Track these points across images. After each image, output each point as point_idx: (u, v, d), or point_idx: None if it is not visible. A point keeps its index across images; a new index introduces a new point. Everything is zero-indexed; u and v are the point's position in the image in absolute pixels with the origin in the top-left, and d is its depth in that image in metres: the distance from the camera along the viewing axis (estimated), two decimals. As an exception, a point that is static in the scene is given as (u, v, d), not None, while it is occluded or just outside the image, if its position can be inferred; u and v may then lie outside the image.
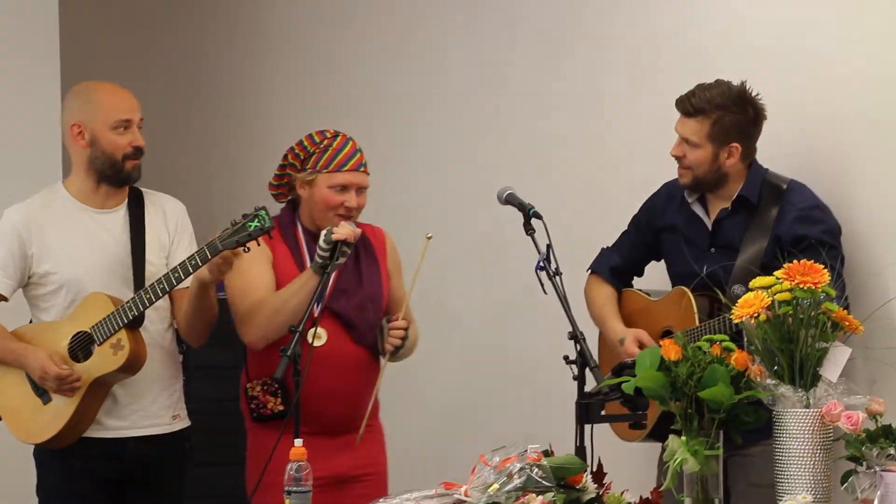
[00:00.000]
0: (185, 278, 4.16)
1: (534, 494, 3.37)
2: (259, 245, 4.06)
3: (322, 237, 4.13)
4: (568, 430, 3.75)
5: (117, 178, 4.35)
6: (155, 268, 4.35)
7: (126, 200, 4.42)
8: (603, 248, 4.65)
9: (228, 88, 6.56)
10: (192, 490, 6.12)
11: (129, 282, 4.34)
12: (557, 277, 4.00)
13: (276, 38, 6.36)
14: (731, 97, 4.31)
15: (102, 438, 4.34)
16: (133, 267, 4.33)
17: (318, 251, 4.12)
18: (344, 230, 4.10)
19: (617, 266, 4.59)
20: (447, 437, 4.43)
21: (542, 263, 4.00)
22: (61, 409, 4.29)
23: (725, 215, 4.39)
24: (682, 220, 4.47)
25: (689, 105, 4.30)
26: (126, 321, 4.21)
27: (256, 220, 4.02)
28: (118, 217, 4.39)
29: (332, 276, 4.24)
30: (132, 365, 4.25)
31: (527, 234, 4.08)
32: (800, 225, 4.24)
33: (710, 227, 4.42)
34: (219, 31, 6.60)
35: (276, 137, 6.31)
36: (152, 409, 4.39)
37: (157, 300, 4.22)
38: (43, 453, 4.39)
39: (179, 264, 4.16)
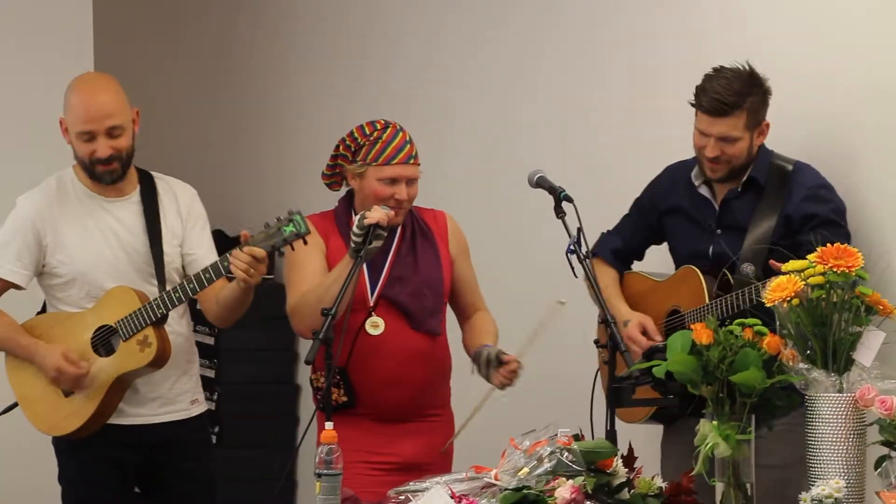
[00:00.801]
0: (216, 279, 4.15)
1: (564, 478, 3.36)
2: (293, 250, 4.03)
3: (355, 222, 4.11)
4: (599, 415, 3.75)
5: (93, 178, 4.32)
6: (169, 257, 4.33)
7: (138, 188, 4.39)
8: (603, 232, 4.65)
9: (258, 77, 6.56)
10: (223, 472, 6.15)
11: (146, 273, 4.32)
12: (588, 261, 3.99)
13: (306, 25, 6.35)
14: (750, 80, 4.30)
15: (122, 426, 4.33)
16: (153, 258, 4.31)
17: (352, 236, 4.10)
18: (376, 214, 4.07)
19: (619, 249, 4.58)
20: (510, 424, 4.40)
21: (572, 246, 3.98)
22: (84, 405, 4.28)
23: (734, 196, 4.39)
24: (687, 202, 4.46)
25: (719, 104, 4.25)
26: (154, 319, 4.20)
27: (291, 224, 3.99)
28: (130, 205, 4.37)
29: (388, 263, 4.25)
30: (158, 362, 4.25)
31: (557, 217, 4.06)
32: (809, 204, 4.24)
33: (716, 208, 4.41)
34: (248, 19, 6.60)
35: (305, 126, 6.35)
36: (170, 395, 4.38)
37: (185, 300, 4.22)
38: (62, 441, 4.38)
39: (211, 265, 4.14)
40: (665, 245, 4.61)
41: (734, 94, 4.25)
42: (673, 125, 4.70)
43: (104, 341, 4.28)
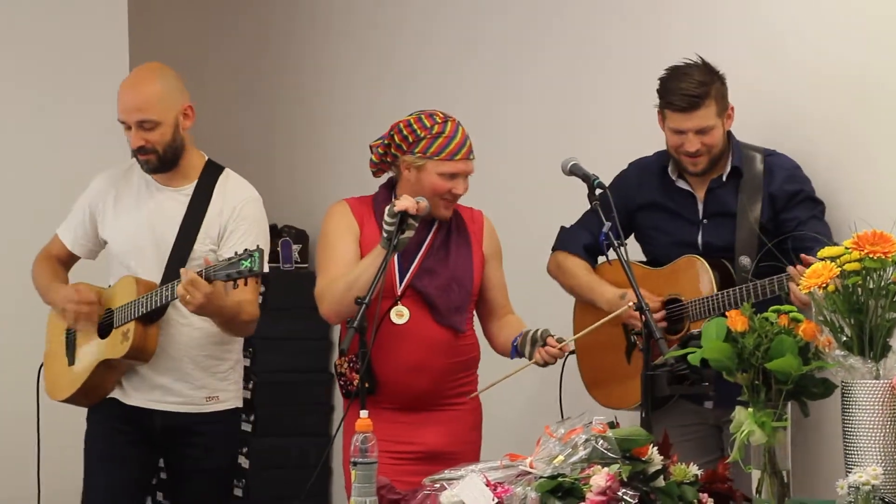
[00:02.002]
0: (174, 299, 4.22)
1: (599, 466, 3.35)
2: (245, 285, 4.12)
3: (386, 211, 4.11)
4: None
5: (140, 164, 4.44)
6: (196, 254, 4.35)
7: (196, 181, 4.43)
8: (564, 227, 4.65)
9: (292, 68, 6.55)
10: (258, 461, 6.18)
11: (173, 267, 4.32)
12: (622, 248, 3.99)
13: (339, 16, 6.34)
14: (707, 69, 4.37)
15: (129, 405, 4.42)
16: (172, 252, 4.34)
17: (384, 225, 4.10)
18: (405, 202, 4.07)
19: (589, 244, 4.57)
20: (539, 414, 4.40)
21: (606, 234, 3.97)
22: (76, 377, 4.43)
23: (718, 185, 4.43)
24: (663, 196, 4.50)
25: (694, 97, 4.31)
26: (138, 314, 4.27)
27: (249, 260, 4.06)
28: (179, 196, 4.42)
29: (420, 254, 4.25)
30: (136, 355, 4.31)
31: (591, 204, 4.07)
32: (791, 184, 4.36)
33: (699, 198, 4.44)
34: (283, 12, 6.60)
35: (338, 121, 6.34)
36: (176, 386, 4.38)
37: (159, 306, 4.26)
38: (92, 410, 4.51)
39: (175, 281, 4.20)
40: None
41: (699, 84, 4.33)
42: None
43: (107, 322, 4.40)
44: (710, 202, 4.44)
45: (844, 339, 3.42)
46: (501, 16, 5.69)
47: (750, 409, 3.41)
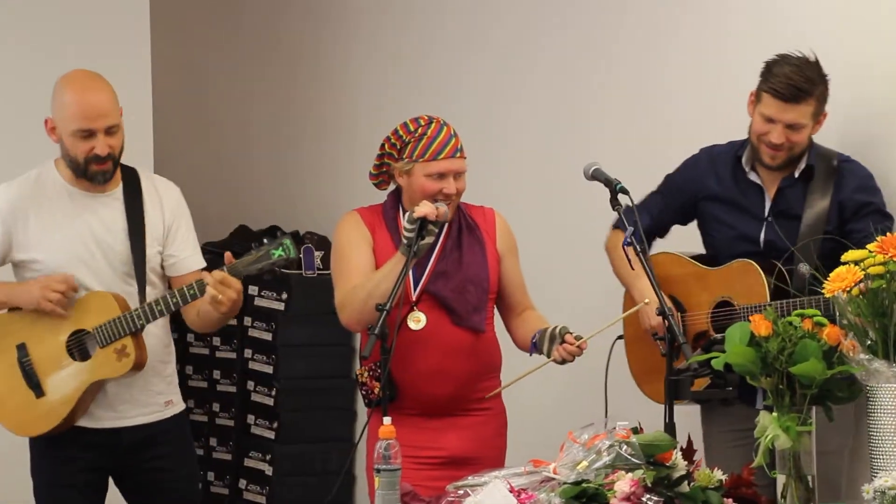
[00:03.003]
0: (200, 296, 4.09)
1: (623, 472, 3.34)
2: (277, 276, 4.03)
3: (405, 218, 4.10)
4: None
5: (84, 177, 4.24)
6: (148, 258, 4.26)
7: (120, 185, 4.30)
8: (628, 206, 4.60)
9: (304, 72, 6.56)
10: (281, 468, 6.18)
11: (123, 273, 4.25)
12: (645, 254, 3.97)
13: (350, 20, 6.34)
14: (819, 69, 4.30)
15: (94, 429, 4.27)
16: (133, 260, 4.24)
17: (404, 231, 4.09)
18: (424, 208, 4.07)
19: (647, 226, 4.51)
20: (565, 419, 4.40)
21: (629, 239, 3.96)
22: (56, 407, 4.22)
23: (789, 184, 4.36)
24: (733, 189, 4.43)
25: (796, 90, 4.24)
26: (133, 330, 4.16)
27: (281, 248, 3.98)
28: (111, 202, 4.29)
29: (433, 258, 4.23)
30: (135, 371, 4.20)
31: (614, 209, 4.06)
32: (862, 193, 4.28)
33: (768, 194, 4.39)
34: (295, 16, 6.60)
35: (350, 123, 6.34)
36: (141, 397, 4.30)
37: (167, 313, 4.17)
38: (38, 441, 4.31)
39: (197, 282, 4.09)
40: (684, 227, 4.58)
41: (807, 80, 4.25)
42: (736, 118, 4.66)
43: (79, 345, 4.22)
44: (779, 200, 4.37)
45: (869, 342, 3.41)
46: (509, 13, 5.68)
47: (774, 414, 3.40)
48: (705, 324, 4.39)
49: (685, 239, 4.63)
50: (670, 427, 3.70)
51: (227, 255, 4.10)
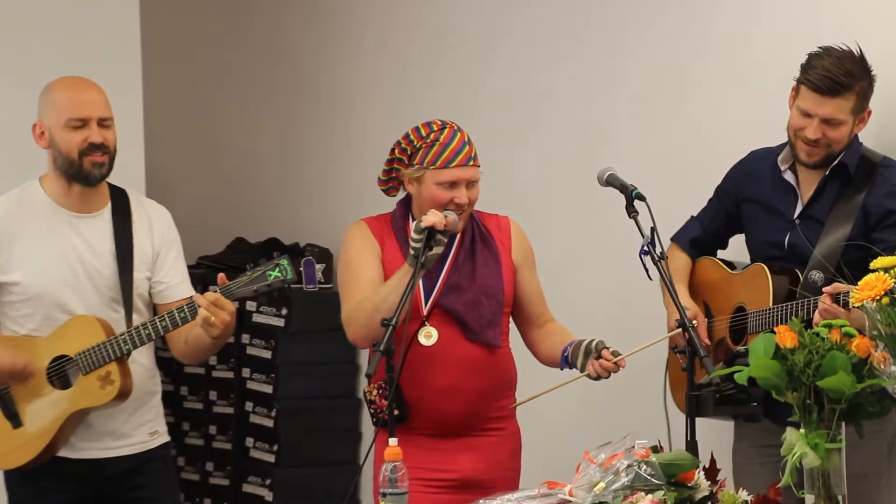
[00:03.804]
0: (192, 320, 4.08)
1: (642, 493, 3.34)
2: (275, 297, 4.02)
3: (413, 227, 4.11)
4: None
5: (79, 176, 4.22)
6: (136, 282, 4.25)
7: (109, 204, 4.30)
8: (691, 217, 4.64)
9: (309, 78, 6.56)
10: (282, 494, 6.17)
11: (109, 299, 4.24)
12: (662, 262, 3.97)
13: (357, 24, 6.34)
14: (861, 62, 4.29)
15: (76, 459, 4.25)
16: (120, 284, 4.24)
17: (411, 242, 4.10)
18: (432, 217, 4.06)
19: (697, 237, 4.55)
20: (581, 437, 4.41)
21: (646, 247, 3.96)
22: (34, 438, 4.20)
23: (825, 184, 4.35)
24: (768, 190, 4.43)
25: (833, 83, 4.22)
26: (119, 355, 4.14)
27: (277, 269, 3.97)
28: (100, 224, 4.29)
29: (444, 270, 4.24)
30: (120, 399, 4.18)
31: (629, 216, 4.06)
32: (890, 200, 4.24)
33: (799, 195, 4.38)
34: (298, 21, 6.61)
35: (357, 129, 6.34)
36: (125, 429, 4.30)
37: (154, 339, 4.17)
38: (13, 472, 4.28)
39: (188, 305, 4.08)
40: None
41: (846, 73, 4.23)
42: (760, 121, 4.66)
43: (60, 372, 4.20)
44: (813, 202, 4.35)
45: (901, 354, 3.41)
46: (527, 10, 5.68)
47: (802, 430, 3.39)
48: (725, 330, 4.41)
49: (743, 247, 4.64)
50: (692, 445, 3.69)
51: (221, 276, 4.09)
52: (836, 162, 4.31)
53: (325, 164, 6.55)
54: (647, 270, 4.01)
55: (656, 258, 3.96)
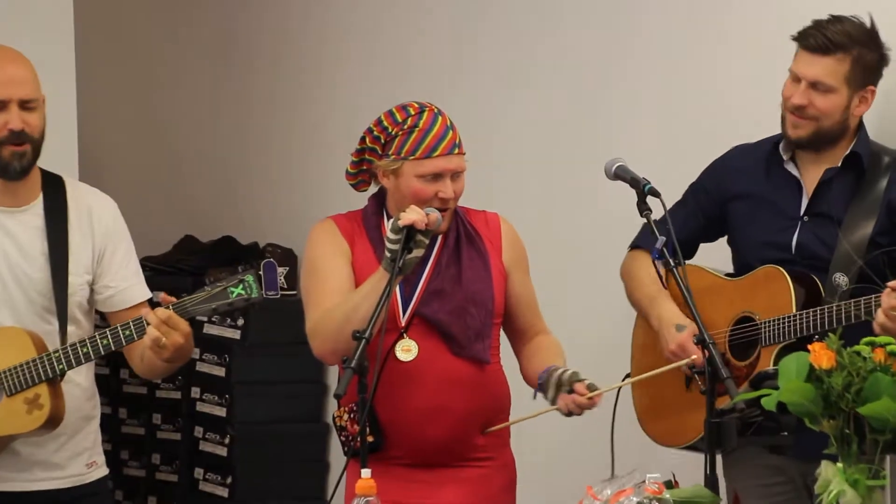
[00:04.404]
0: (138, 339, 4.05)
1: (655, 535, 3.35)
2: (239, 318, 4.01)
3: (389, 226, 4.10)
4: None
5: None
6: (72, 288, 4.21)
7: (41, 196, 4.25)
8: (651, 217, 4.61)
9: (265, 65, 6.60)
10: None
11: (41, 307, 4.20)
12: (680, 268, 3.99)
13: (324, 7, 6.37)
14: (868, 32, 4.36)
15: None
16: (53, 290, 4.19)
17: (387, 243, 4.09)
18: (412, 214, 4.06)
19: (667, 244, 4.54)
20: (580, 470, 4.44)
21: (660, 250, 3.98)
22: None
23: (832, 176, 4.40)
24: (764, 184, 4.48)
25: (826, 39, 4.31)
26: (50, 376, 4.10)
27: (241, 286, 3.96)
28: (29, 218, 4.24)
29: (425, 275, 4.24)
30: (49, 426, 4.14)
31: (641, 214, 4.08)
32: None
33: (805, 190, 4.43)
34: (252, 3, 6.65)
35: (321, 117, 6.37)
36: (57, 458, 4.26)
37: (94, 358, 4.12)
38: None
39: (134, 321, 4.05)
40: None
41: (842, 33, 4.31)
42: (767, 113, 4.69)
43: None
44: (820, 197, 4.41)
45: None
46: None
47: (839, 464, 3.40)
48: (722, 345, 4.41)
49: (712, 255, 4.66)
50: (711, 480, 3.70)
51: (163, 295, 4.05)
52: (849, 151, 4.37)
53: (287, 152, 6.58)
54: (661, 277, 4.03)
55: (672, 263, 3.96)
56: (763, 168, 4.49)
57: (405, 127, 4.20)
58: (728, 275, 4.53)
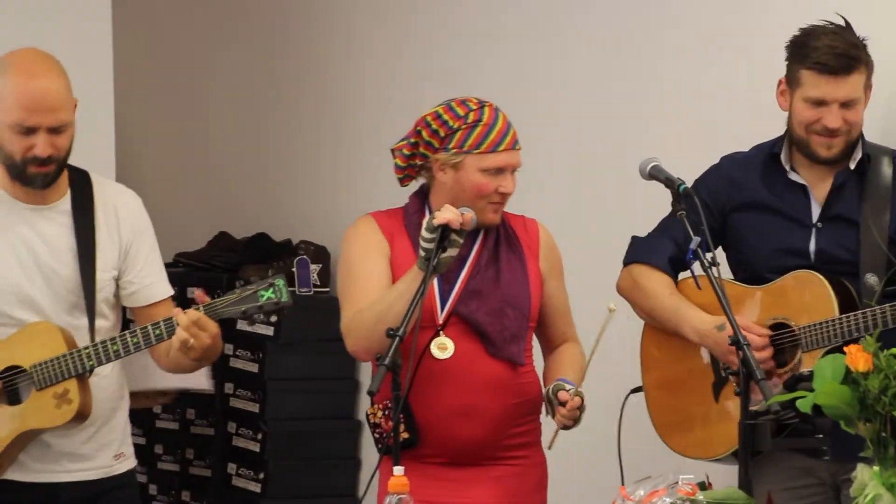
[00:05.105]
0: (167, 339, 4.06)
1: (688, 537, 3.33)
2: (269, 321, 4.01)
3: (424, 225, 4.09)
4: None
5: (20, 179, 4.16)
6: (100, 284, 4.20)
7: (68, 192, 4.24)
8: (639, 237, 4.60)
9: (314, 62, 6.58)
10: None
11: (69, 304, 4.19)
12: (714, 268, 3.96)
13: (360, 10, 6.37)
14: (854, 32, 4.36)
15: (27, 483, 4.22)
16: (83, 286, 4.18)
17: (421, 242, 4.09)
18: (447, 213, 4.05)
19: (675, 256, 4.49)
20: (615, 471, 4.42)
21: (694, 251, 3.95)
22: None
23: (844, 180, 4.39)
24: (768, 194, 4.46)
25: (847, 59, 4.28)
26: (80, 372, 4.11)
27: (272, 289, 3.98)
28: (57, 216, 4.22)
29: (464, 273, 4.24)
30: (77, 421, 4.15)
31: (676, 215, 4.06)
32: None
33: (814, 196, 4.41)
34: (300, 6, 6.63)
35: (363, 119, 6.35)
36: (85, 450, 4.25)
37: (124, 356, 4.13)
38: None
39: (165, 321, 4.06)
40: None
41: (853, 46, 4.31)
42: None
43: (10, 385, 4.17)
44: (833, 202, 4.39)
45: None
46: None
47: (875, 468, 3.38)
48: None
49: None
50: (745, 483, 3.68)
51: (198, 293, 4.08)
52: (860, 154, 4.37)
53: (321, 150, 6.57)
54: (695, 279, 4.00)
55: (707, 264, 3.94)
56: (762, 177, 4.47)
57: (468, 121, 4.21)
58: (740, 283, 4.50)
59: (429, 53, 6.05)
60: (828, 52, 4.28)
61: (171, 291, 4.31)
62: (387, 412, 4.19)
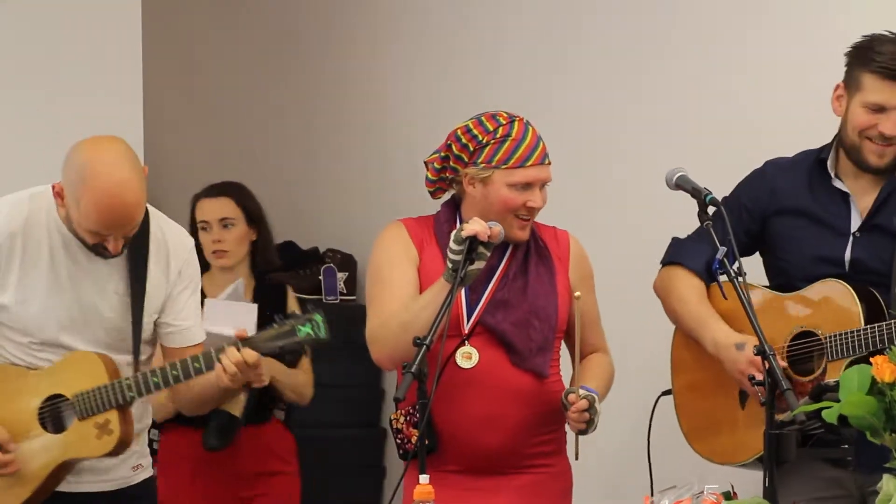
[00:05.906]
0: (206, 372, 4.05)
1: (713, 547, 3.31)
2: (306, 356, 4.00)
3: (452, 237, 4.09)
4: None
5: (84, 244, 4.13)
6: (144, 327, 4.18)
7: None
8: (679, 238, 4.59)
9: (335, 71, 6.60)
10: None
11: (117, 340, 4.18)
12: (741, 278, 3.95)
13: (387, 13, 6.37)
14: None
15: (67, 493, 4.19)
16: (132, 329, 4.17)
17: (449, 254, 4.09)
18: (475, 225, 4.06)
19: (711, 260, 4.45)
20: (640, 481, 4.41)
21: (720, 261, 3.93)
22: (14, 486, 4.14)
23: (892, 190, 4.38)
24: (810, 200, 4.45)
25: None
26: (121, 403, 4.10)
27: (309, 325, 3.97)
28: (113, 260, 4.15)
29: (493, 283, 4.25)
30: (117, 451, 4.14)
31: (702, 225, 4.06)
32: None
33: (854, 205, 4.40)
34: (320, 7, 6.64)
35: (392, 127, 6.35)
36: (105, 463, 4.23)
37: (164, 388, 4.12)
38: None
39: (204, 355, 4.05)
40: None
41: None
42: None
43: (54, 413, 4.16)
44: (876, 212, 4.39)
45: None
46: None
47: (901, 479, 3.38)
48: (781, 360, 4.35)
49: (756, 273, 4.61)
50: (770, 493, 3.68)
51: (241, 331, 4.05)
52: None
53: (347, 159, 6.57)
54: (721, 289, 3.99)
55: (733, 273, 3.92)
56: (806, 183, 4.46)
57: (497, 136, 4.21)
58: (774, 289, 4.50)
59: (456, 63, 6.05)
60: (893, 57, 4.28)
61: (203, 337, 4.28)
62: (409, 418, 4.19)
